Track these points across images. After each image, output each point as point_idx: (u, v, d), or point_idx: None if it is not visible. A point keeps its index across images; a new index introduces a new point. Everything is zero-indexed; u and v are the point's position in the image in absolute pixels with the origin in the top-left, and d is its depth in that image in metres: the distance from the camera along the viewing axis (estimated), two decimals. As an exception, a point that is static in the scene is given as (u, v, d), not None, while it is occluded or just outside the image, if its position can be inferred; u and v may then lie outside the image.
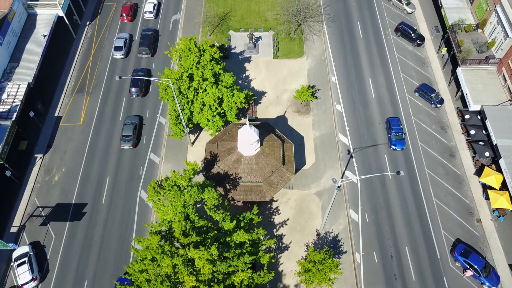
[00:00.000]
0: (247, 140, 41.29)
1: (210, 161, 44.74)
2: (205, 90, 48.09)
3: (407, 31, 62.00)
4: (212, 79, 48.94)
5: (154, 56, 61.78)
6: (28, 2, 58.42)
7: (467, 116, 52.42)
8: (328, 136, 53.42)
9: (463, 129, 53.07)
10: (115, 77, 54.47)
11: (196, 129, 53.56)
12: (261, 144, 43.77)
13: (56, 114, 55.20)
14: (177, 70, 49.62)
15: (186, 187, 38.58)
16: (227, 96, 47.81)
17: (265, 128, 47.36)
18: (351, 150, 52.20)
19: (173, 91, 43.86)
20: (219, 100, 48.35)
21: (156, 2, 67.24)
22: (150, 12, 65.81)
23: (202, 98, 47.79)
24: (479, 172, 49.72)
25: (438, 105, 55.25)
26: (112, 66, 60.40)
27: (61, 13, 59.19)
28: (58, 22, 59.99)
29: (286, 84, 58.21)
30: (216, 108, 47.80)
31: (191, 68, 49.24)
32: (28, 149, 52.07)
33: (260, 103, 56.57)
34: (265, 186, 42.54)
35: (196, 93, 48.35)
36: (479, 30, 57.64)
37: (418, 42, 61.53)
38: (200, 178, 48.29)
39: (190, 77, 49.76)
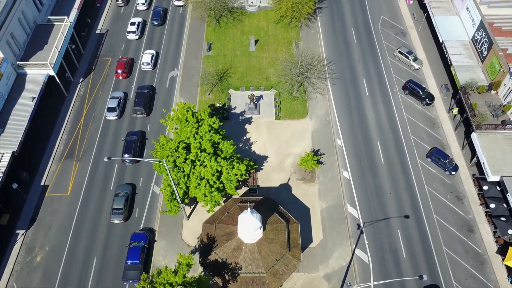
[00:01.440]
0: (249, 227, 37.26)
1: (207, 245, 40.53)
2: (203, 162, 44.41)
3: (415, 90, 59.07)
4: (211, 150, 45.41)
5: (150, 116, 58.56)
6: (18, 63, 55.58)
7: (485, 187, 48.56)
8: (336, 208, 49.37)
9: (481, 200, 49.15)
10: (104, 158, 50.30)
11: (193, 200, 49.54)
12: (264, 228, 39.68)
13: (42, 183, 51.26)
14: (173, 140, 46.13)
15: (179, 285, 34.27)
16: (227, 169, 44.11)
17: (268, 205, 43.39)
18: (361, 225, 48.06)
19: (167, 170, 40.12)
20: (218, 174, 44.63)
21: (154, 52, 65.07)
22: (148, 64, 63.42)
23: (200, 172, 44.06)
24: (501, 250, 45.48)
25: (453, 172, 51.53)
26: (105, 128, 56.97)
27: (52, 73, 56.22)
28: (48, 81, 56.99)
29: (289, 148, 54.65)
30: (214, 182, 44.00)
31: (188, 138, 45.78)
32: (9, 224, 47.83)
33: (261, 169, 52.82)
34: (268, 277, 38.17)
35: (193, 166, 44.64)
36: (493, 92, 54.68)
37: (428, 101, 58.48)
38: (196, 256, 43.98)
39: (187, 147, 46.25)
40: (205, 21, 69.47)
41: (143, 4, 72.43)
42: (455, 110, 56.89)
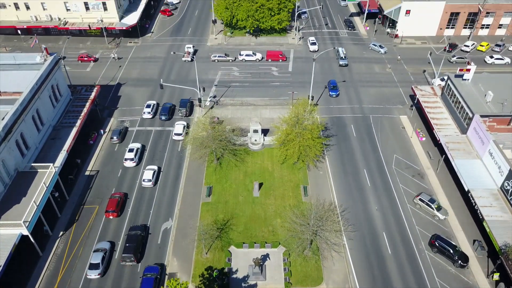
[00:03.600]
0: None
1: None
2: None
3: (445, 248, 51.17)
4: None
5: (140, 263, 50.06)
6: (-13, 222, 48.27)
7: None
8: None
9: None
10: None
11: None
12: None
13: None
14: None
15: None
16: None
17: None
18: None
19: None
20: None
21: (156, 168, 62.10)
22: (149, 180, 60.31)
23: None
24: None
25: None
26: (82, 295, 47.72)
27: (26, 232, 48.53)
28: (21, 241, 49.01)
29: (303, 327, 44.83)
30: None
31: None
32: None
33: None
34: None
35: None
36: (540, 257, 46.80)
37: (462, 263, 50.17)
38: None
39: None
40: (206, 160, 64.21)
41: (149, 113, 73.21)
42: (496, 276, 48.32)
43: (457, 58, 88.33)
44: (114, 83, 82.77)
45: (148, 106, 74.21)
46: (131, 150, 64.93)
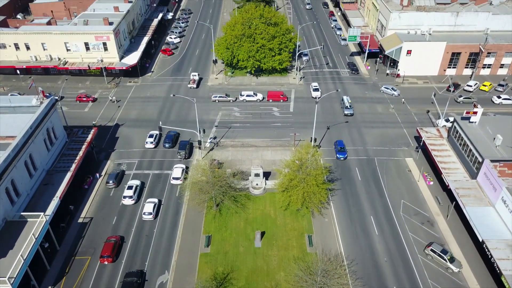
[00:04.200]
0: None
1: None
2: None
3: (462, 305, 47.73)
4: None
5: None
6: (-31, 277, 44.99)
7: None
8: None
9: None
10: None
11: None
12: None
13: None
14: None
15: None
16: None
17: None
18: None
19: None
20: None
21: (156, 201, 61.71)
22: (150, 213, 59.64)
23: None
24: None
25: None
26: None
27: (10, 290, 45.09)
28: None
29: None
30: None
31: None
32: None
33: None
34: None
35: None
36: None
37: (480, 322, 46.62)
38: None
39: None
40: (205, 207, 61.36)
41: (151, 142, 73.91)
42: (519, 337, 44.61)
43: (464, 98, 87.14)
44: (112, 123, 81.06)
45: (151, 136, 75.05)
46: (130, 187, 63.33)
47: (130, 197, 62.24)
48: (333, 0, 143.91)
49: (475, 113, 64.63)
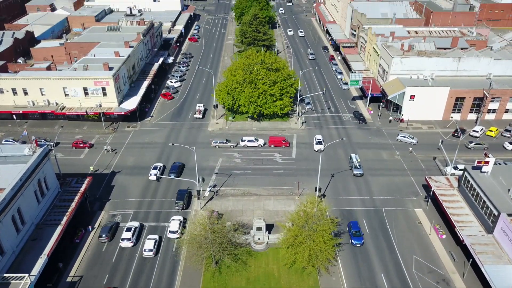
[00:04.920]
0: None
1: None
2: None
3: None
4: None
5: None
6: None
7: None
8: None
9: None
10: None
11: None
12: None
13: None
14: None
15: None
16: None
17: None
18: None
19: None
20: None
21: (157, 238, 60.81)
22: (150, 250, 58.78)
23: None
24: None
25: None
26: None
27: None
28: None
29: None
30: None
31: None
32: None
33: None
34: None
35: None
36: None
37: None
38: None
39: None
40: (203, 264, 57.17)
41: (155, 174, 74.77)
42: None
43: (475, 144, 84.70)
44: (108, 171, 78.10)
45: (155, 168, 76.22)
46: (128, 229, 61.51)
47: (129, 239, 60.10)
48: (333, 44, 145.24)
49: (487, 162, 61.88)
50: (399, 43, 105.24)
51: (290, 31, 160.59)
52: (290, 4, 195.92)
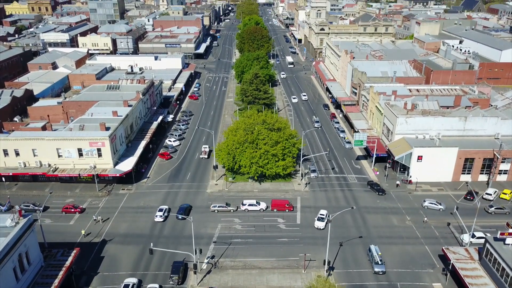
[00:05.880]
0: None
1: None
2: None
3: None
4: None
5: None
6: None
7: None
8: None
9: None
10: None
11: None
12: None
13: None
14: None
15: None
16: None
17: None
18: None
19: None
20: None
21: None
22: None
23: None
24: None
25: None
26: None
27: None
28: None
29: None
30: None
31: None
32: None
33: None
34: None
35: None
36: None
37: None
38: None
39: None
40: None
41: (161, 216, 77.36)
42: None
43: (495, 208, 79.65)
44: (98, 239, 72.42)
45: (161, 210, 78.84)
46: (126, 286, 60.01)
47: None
48: (334, 101, 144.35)
49: (511, 234, 56.86)
50: (402, 102, 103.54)
51: (294, 98, 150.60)
52: (292, 66, 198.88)
